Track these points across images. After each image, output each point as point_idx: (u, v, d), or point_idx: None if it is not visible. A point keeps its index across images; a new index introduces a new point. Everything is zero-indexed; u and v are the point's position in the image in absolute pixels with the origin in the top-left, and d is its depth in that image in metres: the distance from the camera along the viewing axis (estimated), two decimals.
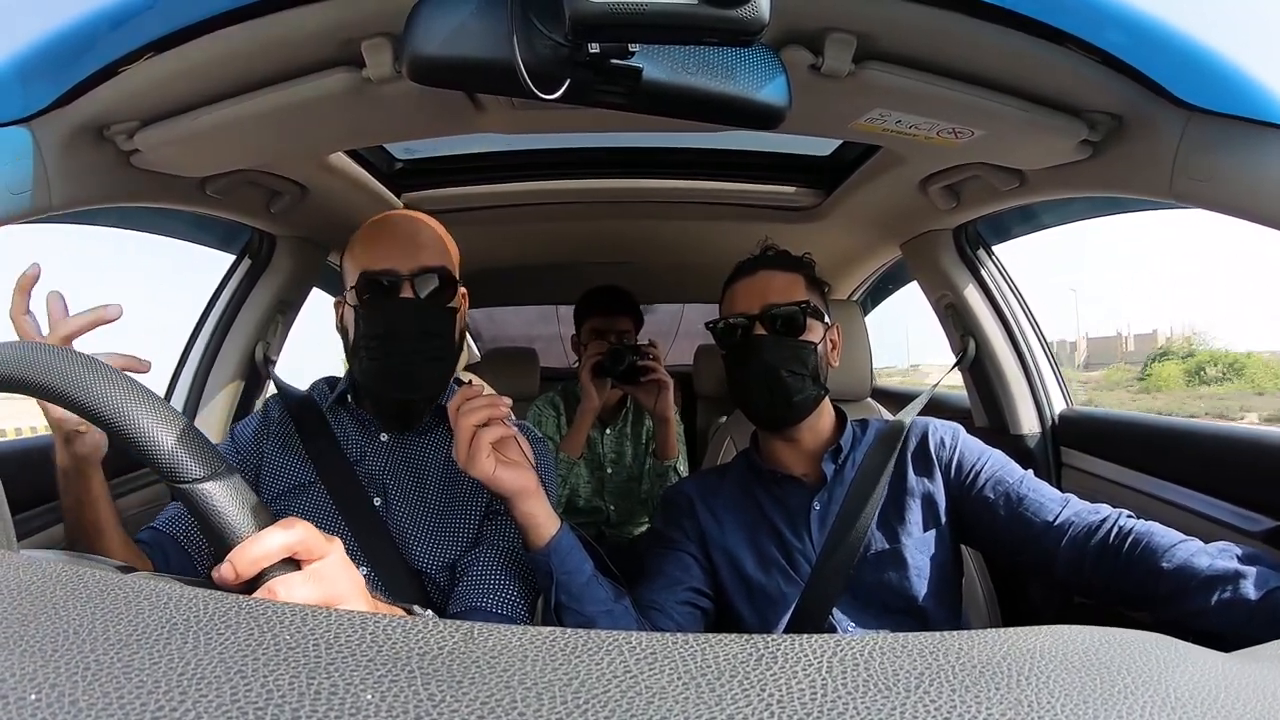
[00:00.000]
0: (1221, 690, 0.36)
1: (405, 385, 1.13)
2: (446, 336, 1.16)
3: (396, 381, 1.13)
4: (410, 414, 1.19)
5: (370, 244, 1.16)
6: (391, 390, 1.15)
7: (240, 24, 0.91)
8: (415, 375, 1.13)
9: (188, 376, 1.84)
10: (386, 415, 1.20)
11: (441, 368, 1.16)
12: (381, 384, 1.15)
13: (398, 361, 1.12)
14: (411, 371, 1.12)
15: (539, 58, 0.70)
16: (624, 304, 2.18)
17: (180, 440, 0.57)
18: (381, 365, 1.12)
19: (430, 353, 1.14)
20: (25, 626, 0.35)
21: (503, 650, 0.36)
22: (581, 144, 1.84)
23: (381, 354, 1.12)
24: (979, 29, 0.91)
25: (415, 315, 1.13)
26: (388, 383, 1.14)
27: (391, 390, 1.15)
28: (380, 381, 1.14)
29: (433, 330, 1.14)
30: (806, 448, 1.26)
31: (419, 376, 1.13)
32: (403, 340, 1.12)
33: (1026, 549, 1.11)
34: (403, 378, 1.12)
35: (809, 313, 1.21)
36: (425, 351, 1.13)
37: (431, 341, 1.14)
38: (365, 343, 1.13)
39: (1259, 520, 1.13)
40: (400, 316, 1.12)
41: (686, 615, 1.16)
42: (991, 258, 1.90)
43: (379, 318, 1.12)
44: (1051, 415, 1.80)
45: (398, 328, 1.12)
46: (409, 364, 1.12)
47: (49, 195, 1.03)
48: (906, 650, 0.37)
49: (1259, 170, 0.89)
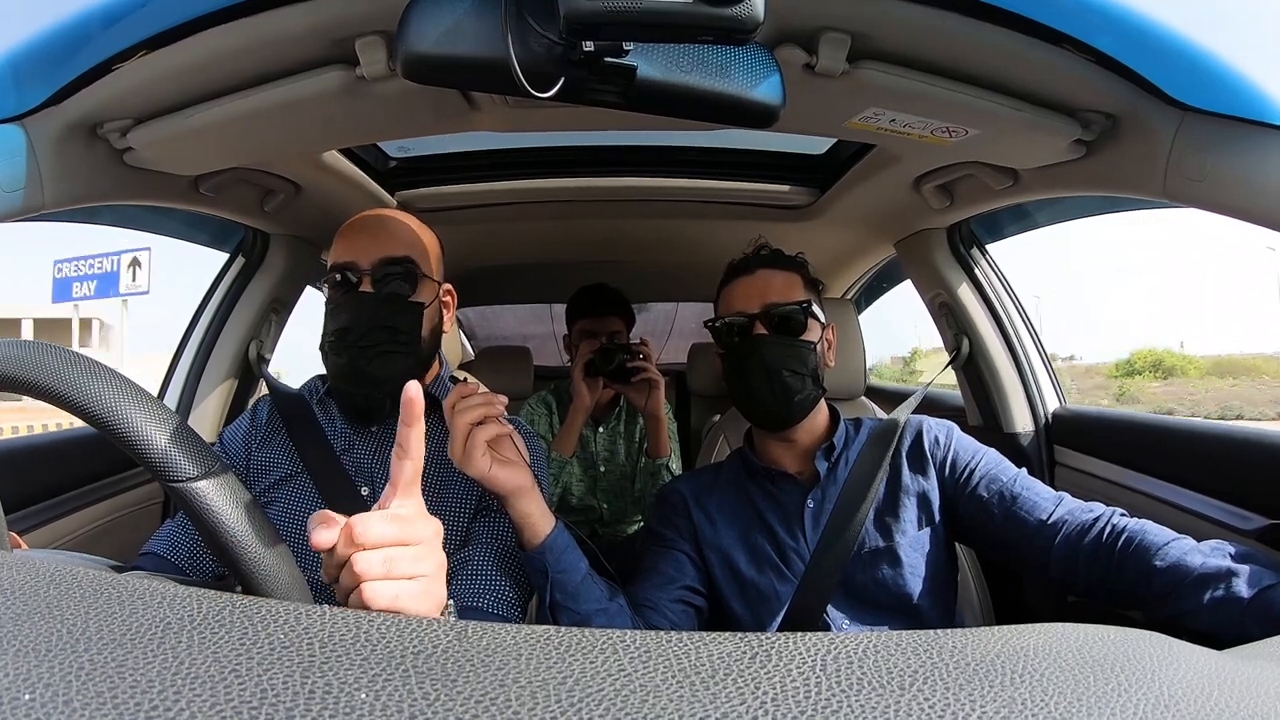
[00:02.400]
0: (1214, 688, 0.36)
1: (359, 379, 1.12)
2: (407, 330, 1.14)
3: (350, 376, 1.12)
4: (371, 409, 1.16)
5: (340, 239, 1.16)
6: (347, 384, 1.14)
7: (233, 22, 0.91)
8: (367, 369, 1.11)
9: (181, 375, 1.83)
10: (351, 411, 1.19)
11: (401, 362, 1.13)
12: (339, 378, 1.14)
13: (352, 355, 1.10)
14: (363, 365, 1.10)
15: (533, 56, 0.70)
16: (614, 304, 2.17)
17: (173, 439, 0.57)
18: (339, 360, 1.12)
19: (385, 346, 1.11)
20: (19, 626, 0.35)
21: (497, 649, 0.36)
22: (576, 142, 1.84)
23: (339, 348, 1.11)
24: (973, 28, 0.91)
25: (370, 309, 1.11)
26: (343, 377, 1.13)
27: (347, 384, 1.14)
28: (339, 376, 1.14)
29: (389, 324, 1.12)
30: (801, 446, 1.26)
31: (372, 370, 1.11)
32: (358, 334, 1.10)
33: (1020, 547, 1.12)
34: (355, 372, 1.11)
35: (808, 312, 1.22)
36: (380, 345, 1.11)
37: (389, 335, 1.12)
38: (326, 337, 1.13)
39: (1252, 519, 1.14)
40: (356, 310, 1.11)
41: (681, 613, 1.15)
42: (985, 257, 1.90)
43: (337, 312, 1.12)
44: (1045, 414, 1.80)
45: (353, 321, 1.11)
46: (361, 358, 1.10)
47: (42, 193, 1.03)
48: (900, 648, 0.38)
49: (1252, 170, 0.89)
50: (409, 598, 0.64)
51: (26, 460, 1.44)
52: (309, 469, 1.13)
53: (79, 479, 1.53)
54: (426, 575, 0.67)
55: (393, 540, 0.64)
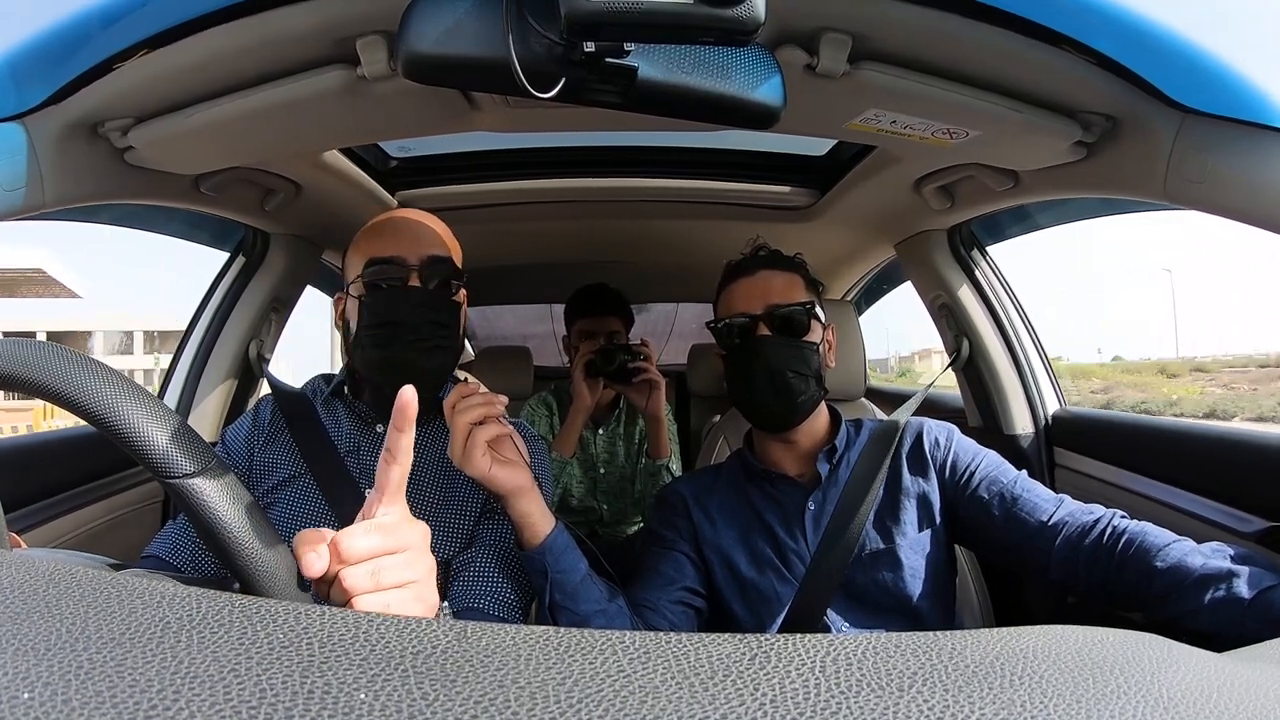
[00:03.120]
0: (1214, 690, 0.36)
1: (408, 374, 1.09)
2: (452, 328, 1.15)
3: (399, 369, 1.11)
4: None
5: (376, 236, 1.16)
6: (394, 378, 1.11)
7: (234, 21, 0.91)
8: (418, 364, 1.11)
9: (181, 374, 1.83)
10: (385, 406, 1.18)
11: (444, 359, 1.15)
12: (384, 372, 1.13)
13: (401, 349, 1.10)
14: (415, 360, 1.10)
15: (534, 56, 0.70)
16: (613, 304, 2.17)
17: (172, 436, 0.57)
18: (385, 353, 1.11)
19: (435, 341, 1.12)
20: (18, 625, 0.35)
21: (497, 649, 0.36)
22: (577, 143, 1.84)
23: (385, 341, 1.10)
24: (974, 30, 0.91)
25: (422, 303, 1.12)
26: (390, 371, 1.12)
27: (394, 378, 1.11)
28: (382, 370, 1.13)
29: (438, 320, 1.13)
30: (802, 448, 1.26)
31: (422, 365, 1.11)
32: (408, 328, 1.10)
33: (1020, 549, 1.12)
34: (405, 366, 1.10)
35: (811, 313, 1.22)
36: (430, 340, 1.11)
37: (436, 331, 1.12)
38: (369, 331, 1.11)
39: (1251, 521, 1.14)
40: (406, 304, 1.11)
41: (680, 615, 1.15)
42: (985, 258, 1.90)
43: (385, 305, 1.12)
44: (1045, 415, 1.80)
45: (403, 315, 1.11)
46: (413, 352, 1.10)
47: (42, 192, 1.03)
48: (900, 650, 0.37)
49: (1253, 172, 0.89)
50: (399, 605, 0.64)
51: (26, 459, 1.44)
52: (312, 471, 1.12)
53: (78, 478, 1.53)
54: (416, 581, 0.67)
55: (379, 550, 0.64)
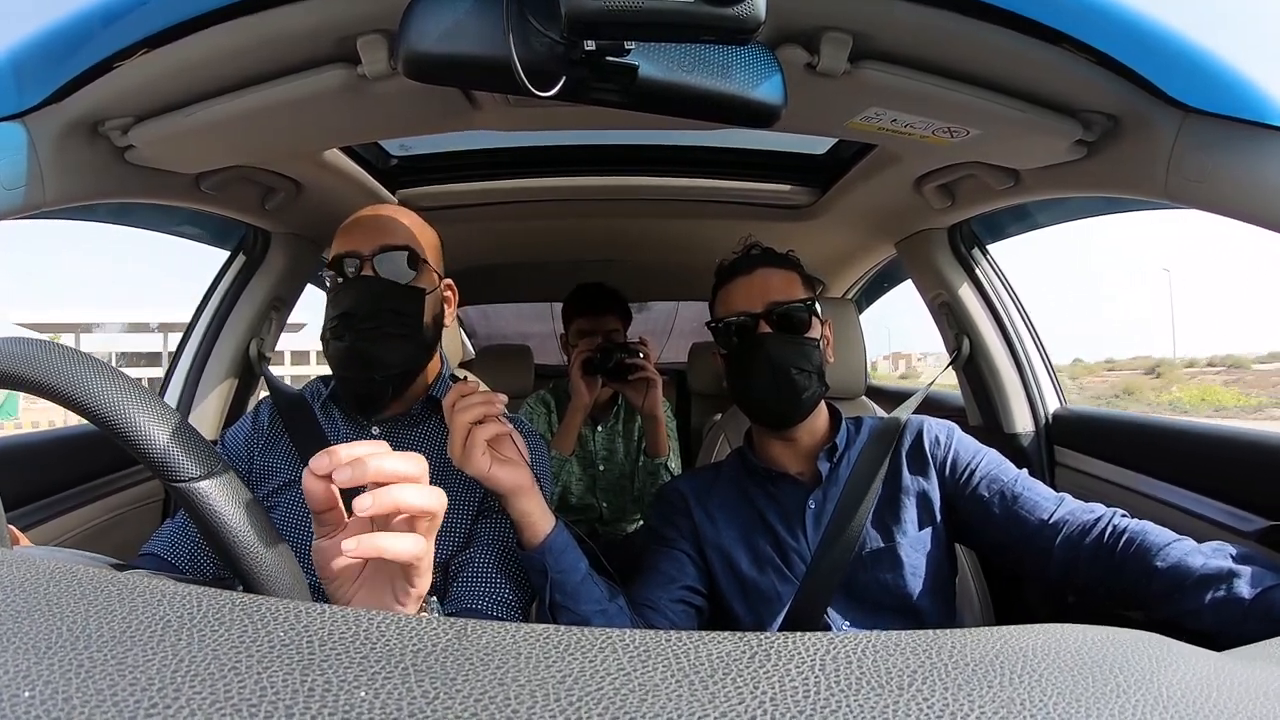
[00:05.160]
0: (1214, 689, 0.36)
1: (363, 363, 1.10)
2: (410, 314, 1.14)
3: (354, 360, 1.11)
4: (373, 395, 1.15)
5: (343, 234, 1.17)
6: (350, 370, 1.13)
7: (235, 20, 0.91)
8: (371, 352, 1.10)
9: (181, 374, 1.83)
10: (352, 399, 1.18)
11: (404, 346, 1.13)
12: (344, 365, 1.13)
13: (355, 340, 1.10)
14: (368, 349, 1.10)
15: (535, 55, 0.70)
16: (610, 303, 2.17)
17: (176, 439, 0.57)
18: (341, 345, 1.11)
19: (389, 329, 1.11)
20: (19, 623, 0.35)
21: (496, 647, 0.36)
22: (577, 141, 1.84)
23: (340, 333, 1.11)
24: (974, 28, 0.91)
25: (372, 292, 1.11)
26: (348, 363, 1.12)
27: (350, 370, 1.13)
28: (342, 363, 1.13)
29: (392, 307, 1.12)
30: (802, 446, 1.26)
31: (376, 354, 1.10)
32: (361, 318, 1.10)
33: (1021, 548, 1.12)
34: (360, 356, 1.10)
35: (810, 310, 1.22)
36: (384, 327, 1.11)
37: (393, 319, 1.12)
38: (328, 325, 1.12)
39: (1252, 520, 1.14)
40: (358, 294, 1.11)
41: (681, 613, 1.15)
42: (986, 257, 1.90)
43: (339, 298, 1.12)
44: (1045, 414, 1.80)
45: (356, 305, 1.11)
46: (364, 341, 1.10)
47: (43, 191, 1.03)
48: (900, 648, 0.37)
49: (1254, 171, 0.89)
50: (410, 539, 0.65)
51: (27, 457, 1.44)
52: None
53: (79, 476, 1.53)
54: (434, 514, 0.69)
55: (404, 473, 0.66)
